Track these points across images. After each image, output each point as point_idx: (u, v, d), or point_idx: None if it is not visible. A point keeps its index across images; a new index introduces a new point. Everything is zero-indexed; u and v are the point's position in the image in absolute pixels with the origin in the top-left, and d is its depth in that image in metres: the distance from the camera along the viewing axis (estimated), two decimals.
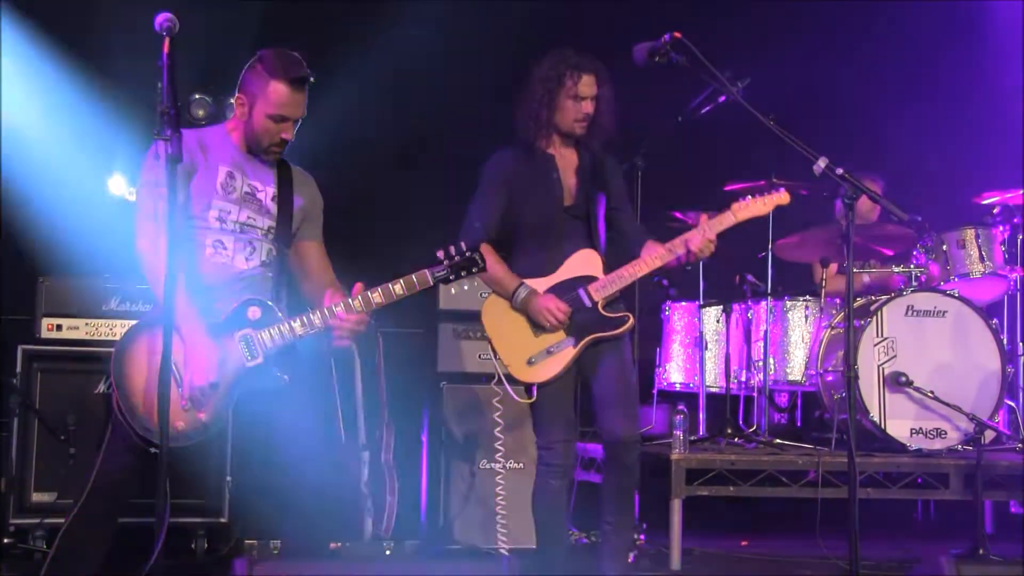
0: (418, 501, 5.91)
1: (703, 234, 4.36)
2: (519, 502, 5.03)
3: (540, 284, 4.41)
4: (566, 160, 4.51)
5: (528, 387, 4.38)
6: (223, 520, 5.42)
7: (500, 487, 5.06)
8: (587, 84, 4.39)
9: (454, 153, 6.80)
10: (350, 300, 3.82)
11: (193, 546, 5.40)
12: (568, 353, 4.37)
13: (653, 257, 4.41)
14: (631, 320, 4.45)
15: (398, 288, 3.85)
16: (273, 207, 3.96)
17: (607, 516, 4.50)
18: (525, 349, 4.38)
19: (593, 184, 4.50)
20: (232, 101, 3.98)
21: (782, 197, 4.52)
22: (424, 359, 5.97)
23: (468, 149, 4.88)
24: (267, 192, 3.97)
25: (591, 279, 4.41)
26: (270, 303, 3.83)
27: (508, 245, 4.50)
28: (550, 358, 4.36)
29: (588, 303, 4.39)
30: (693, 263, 4.48)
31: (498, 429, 5.68)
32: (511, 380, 4.41)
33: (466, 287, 5.81)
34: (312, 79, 3.87)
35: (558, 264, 4.44)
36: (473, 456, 5.70)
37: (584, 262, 4.44)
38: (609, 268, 4.46)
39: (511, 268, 4.45)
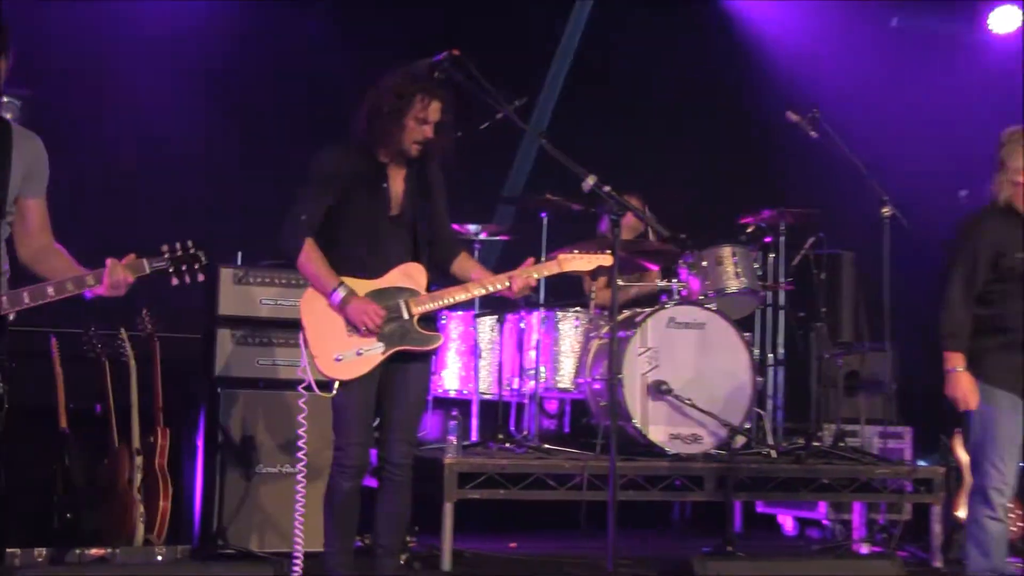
0: (192, 506, 5.88)
1: (527, 279, 4.55)
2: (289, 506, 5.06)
3: (362, 286, 4.46)
4: (396, 168, 4.57)
5: (330, 382, 4.45)
6: None
7: (297, 490, 4.95)
8: (435, 110, 4.47)
9: None
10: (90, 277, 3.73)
11: None
12: (375, 358, 4.45)
13: (475, 286, 4.58)
14: (440, 340, 4.63)
15: (119, 270, 3.74)
16: None
17: (380, 539, 4.63)
18: (335, 346, 4.43)
19: (419, 194, 4.59)
20: None
21: (605, 258, 4.72)
22: (202, 363, 5.94)
23: None
24: None
25: (413, 293, 4.52)
26: None
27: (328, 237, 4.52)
28: (357, 359, 4.43)
29: (405, 315, 4.48)
30: (515, 296, 4.66)
31: (276, 434, 5.73)
32: (321, 386, 4.47)
33: (246, 293, 5.86)
34: None
35: (383, 271, 4.51)
36: (249, 460, 5.72)
37: (409, 275, 4.53)
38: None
39: (331, 265, 4.48)
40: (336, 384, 4.45)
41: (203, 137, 7.05)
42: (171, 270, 3.82)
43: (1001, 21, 8.27)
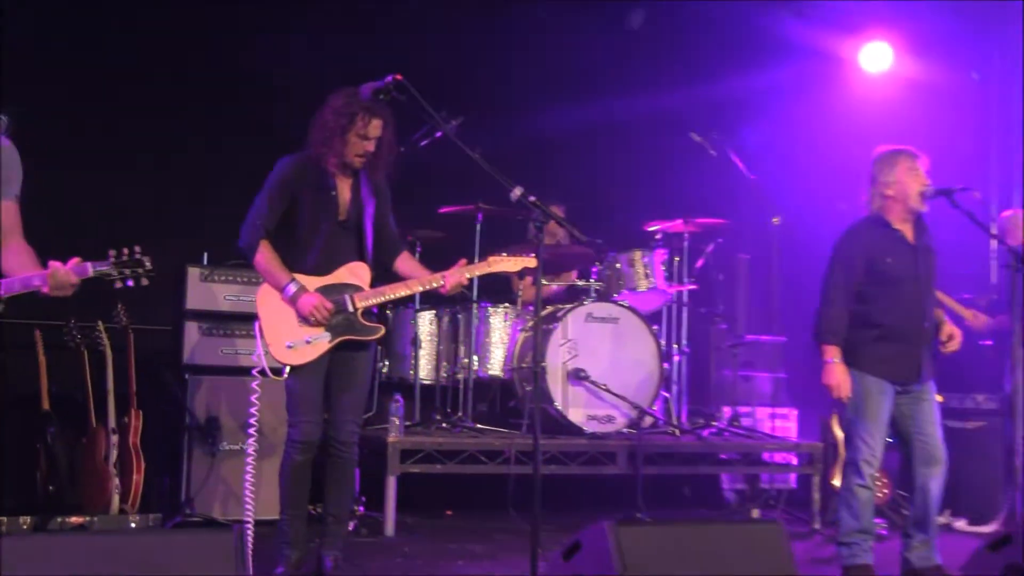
0: (162, 479, 6.27)
1: (459, 277, 4.95)
2: (259, 479, 5.29)
3: (312, 282, 4.85)
4: (344, 178, 4.93)
5: (282, 367, 4.85)
6: None
7: (248, 465, 5.19)
8: (375, 127, 4.82)
9: None
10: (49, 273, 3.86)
11: None
12: (322, 346, 4.83)
13: (414, 283, 4.98)
14: (382, 330, 5.00)
15: (60, 273, 3.85)
16: None
17: (330, 508, 5.02)
18: (287, 335, 4.81)
19: (365, 200, 4.96)
20: None
21: (530, 260, 5.13)
22: (171, 353, 6.34)
23: None
24: None
25: (357, 288, 4.90)
26: None
27: (282, 238, 4.89)
28: (307, 347, 4.81)
29: (350, 308, 4.87)
30: (448, 293, 5.06)
31: (237, 415, 6.12)
32: (275, 372, 4.85)
33: (211, 289, 6.27)
34: None
35: (331, 269, 4.88)
36: (213, 439, 6.13)
37: (354, 273, 4.92)
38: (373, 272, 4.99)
39: (285, 263, 4.85)
40: (287, 369, 4.85)
41: (176, 144, 7.29)
42: (115, 274, 3.92)
43: (872, 59, 8.73)
